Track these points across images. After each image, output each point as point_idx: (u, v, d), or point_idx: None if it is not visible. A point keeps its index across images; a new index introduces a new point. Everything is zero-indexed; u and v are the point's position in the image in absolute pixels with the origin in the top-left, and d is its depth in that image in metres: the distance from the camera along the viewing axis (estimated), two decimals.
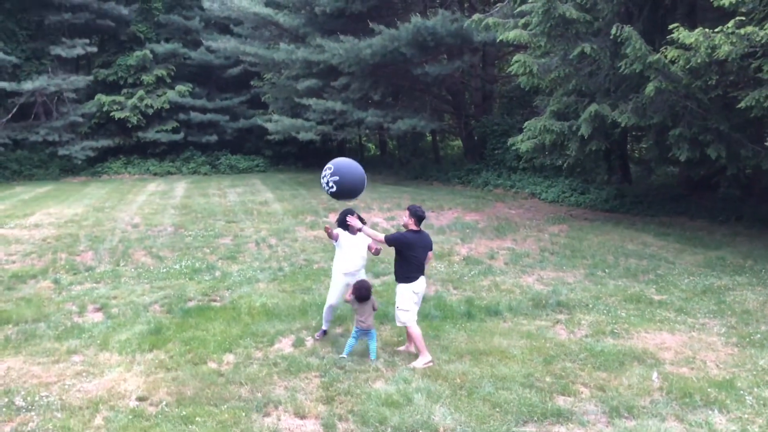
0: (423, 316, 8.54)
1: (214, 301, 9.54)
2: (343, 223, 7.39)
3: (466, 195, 20.91)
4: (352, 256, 7.43)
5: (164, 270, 11.37)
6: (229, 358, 7.14)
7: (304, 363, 6.88)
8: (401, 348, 7.45)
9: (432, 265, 11.57)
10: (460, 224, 15.45)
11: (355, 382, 6.40)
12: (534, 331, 7.98)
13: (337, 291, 7.52)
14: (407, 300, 7.00)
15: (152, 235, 14.51)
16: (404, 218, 7.20)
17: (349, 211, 7.33)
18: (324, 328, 7.74)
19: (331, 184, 6.86)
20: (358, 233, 7.31)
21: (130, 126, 29.38)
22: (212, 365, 6.92)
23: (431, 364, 6.82)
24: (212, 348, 7.35)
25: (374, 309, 7.11)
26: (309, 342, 7.60)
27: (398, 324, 7.17)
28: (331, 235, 7.37)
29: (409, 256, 6.97)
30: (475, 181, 23.22)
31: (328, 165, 6.97)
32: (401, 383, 6.33)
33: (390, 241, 6.98)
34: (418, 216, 7.08)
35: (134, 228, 15.33)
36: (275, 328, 8.01)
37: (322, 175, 6.94)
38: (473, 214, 17.01)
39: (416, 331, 6.98)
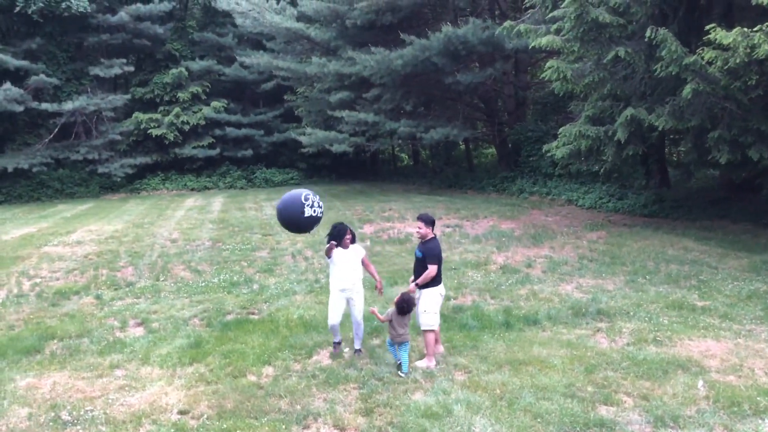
0: (460, 326, 8.50)
1: (253, 314, 9.63)
2: (335, 237, 7.37)
3: (501, 203, 20.78)
4: (346, 272, 7.45)
5: (203, 284, 11.52)
6: (268, 370, 7.19)
7: (342, 375, 6.89)
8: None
9: (468, 274, 11.53)
10: (495, 233, 15.36)
11: (393, 394, 6.39)
12: (574, 340, 7.87)
13: (336, 309, 7.51)
14: (435, 303, 7.22)
15: (190, 249, 14.73)
16: (421, 229, 7.29)
17: (342, 228, 7.39)
18: (335, 340, 7.72)
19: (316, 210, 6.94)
20: (350, 246, 7.44)
21: (167, 143, 29.96)
22: (252, 378, 6.97)
23: (432, 369, 6.99)
24: (251, 361, 7.41)
25: (409, 320, 7.12)
26: (347, 353, 7.62)
27: (425, 328, 7.22)
28: (328, 254, 7.37)
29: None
30: (510, 189, 23.07)
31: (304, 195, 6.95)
32: (440, 394, 6.30)
33: (436, 259, 7.19)
34: (434, 223, 7.35)
35: (173, 243, 15.58)
36: (313, 340, 8.05)
37: (310, 204, 6.90)
38: (509, 222, 16.88)
39: (432, 337, 7.20)
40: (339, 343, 7.73)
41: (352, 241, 7.50)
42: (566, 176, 21.30)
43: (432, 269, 7.18)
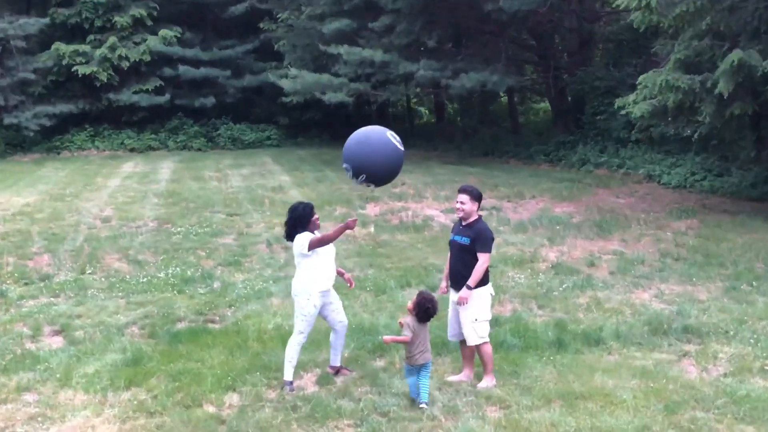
0: (496, 345, 8.50)
1: (212, 321, 9.65)
2: (299, 221, 7.41)
3: (555, 178, 20.72)
4: (329, 269, 7.53)
5: (144, 280, 11.55)
6: (233, 398, 7.21)
7: (333, 407, 6.91)
8: (453, 378, 7.54)
9: (508, 275, 11.53)
10: (546, 219, 15.33)
11: None
12: (651, 368, 7.87)
13: (311, 319, 7.52)
14: (487, 307, 7.44)
15: (128, 232, 14.76)
16: (465, 205, 7.39)
17: (306, 207, 7.47)
18: (289, 379, 7.59)
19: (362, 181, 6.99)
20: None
21: (98, 85, 29.90)
22: (210, 409, 7.00)
23: (494, 386, 7.28)
24: (210, 385, 7.43)
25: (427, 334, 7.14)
26: (340, 379, 7.65)
27: (475, 342, 7.35)
28: (313, 246, 7.39)
29: None
30: (568, 159, 23.00)
31: (344, 164, 7.05)
32: None
33: (490, 246, 7.38)
34: (481, 198, 7.59)
35: (104, 223, 15.62)
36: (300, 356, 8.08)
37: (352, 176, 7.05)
38: (565, 205, 16.83)
39: (490, 348, 7.41)
40: (341, 369, 7.79)
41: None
42: (646, 143, 21.18)
43: (485, 260, 7.25)
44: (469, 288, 7.23)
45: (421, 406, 6.86)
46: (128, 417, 6.85)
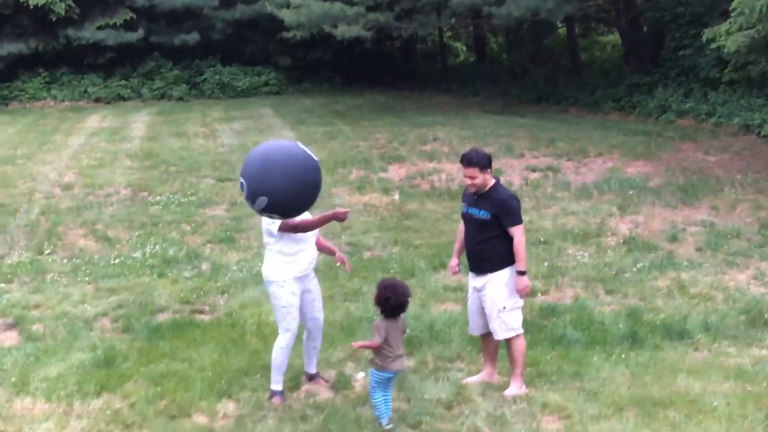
0: (553, 341, 8.54)
1: (201, 312, 9.71)
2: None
3: (626, 130, 20.60)
4: (308, 249, 7.51)
5: (117, 261, 11.61)
6: (228, 407, 7.26)
7: (351, 417, 6.95)
8: (471, 380, 7.59)
9: (568, 252, 11.53)
10: (616, 182, 15.28)
11: None
12: (749, 367, 7.87)
13: (294, 311, 7.52)
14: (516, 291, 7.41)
15: (95, 202, 14.85)
16: (475, 179, 7.28)
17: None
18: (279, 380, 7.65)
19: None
20: None
21: (54, 20, 29.91)
22: (200, 419, 7.05)
23: (526, 392, 7.30)
24: (199, 391, 7.48)
25: (404, 332, 6.98)
26: (359, 382, 7.70)
27: (506, 335, 7.38)
28: (327, 221, 7.44)
29: None
30: (643, 107, 22.85)
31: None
32: None
33: (519, 217, 7.32)
34: (490, 162, 7.42)
35: (65, 191, 15.71)
36: (302, 357, 8.13)
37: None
38: (640, 164, 16.76)
39: (523, 343, 7.48)
40: (316, 376, 7.83)
41: None
42: (743, 85, 21.01)
43: (521, 233, 7.24)
44: (522, 273, 7.25)
45: (388, 427, 6.73)
46: (100, 430, 6.88)
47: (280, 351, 7.46)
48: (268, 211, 6.76)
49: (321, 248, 7.76)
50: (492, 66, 33.06)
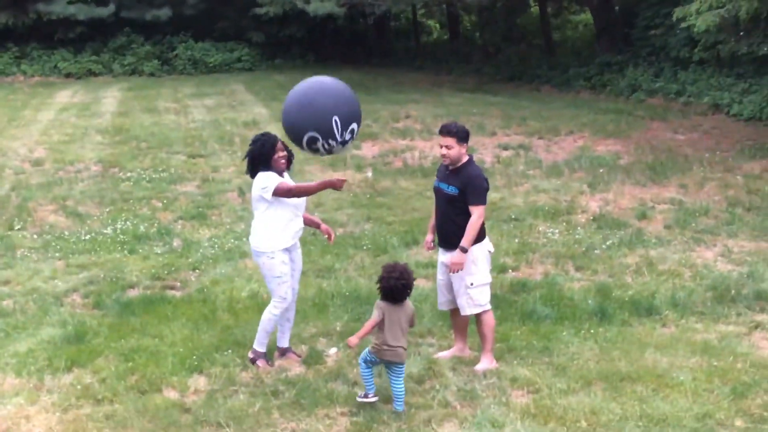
0: (523, 316, 8.60)
1: (172, 288, 9.72)
2: (260, 156, 7.42)
3: (598, 109, 20.65)
4: (296, 220, 7.53)
5: (87, 237, 11.58)
6: (199, 382, 7.27)
7: (323, 392, 6.96)
8: (442, 354, 7.64)
9: (538, 229, 11.58)
10: (587, 160, 15.34)
11: (408, 426, 6.48)
12: (715, 342, 7.94)
13: (288, 279, 7.54)
14: (485, 268, 7.47)
15: (66, 178, 14.77)
16: (451, 150, 7.32)
17: (268, 140, 7.50)
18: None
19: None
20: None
21: None
22: (171, 394, 7.06)
23: (496, 367, 7.38)
24: (170, 366, 7.48)
25: (412, 324, 6.90)
26: (331, 357, 7.74)
27: (473, 311, 7.41)
28: (324, 187, 7.49)
29: None
30: (614, 85, 22.91)
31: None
32: (488, 428, 6.43)
33: (484, 196, 7.33)
34: (468, 136, 7.48)
35: (36, 167, 15.61)
36: (274, 333, 8.15)
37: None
38: (611, 143, 16.82)
39: (491, 318, 7.52)
40: (288, 351, 7.86)
41: (289, 163, 7.57)
42: (712, 64, 21.08)
43: (480, 214, 7.24)
44: (464, 250, 7.21)
45: (366, 400, 6.71)
46: (70, 405, 6.88)
47: (272, 317, 7.55)
48: (352, 135, 7.26)
49: (306, 221, 7.74)
50: (465, 44, 33.01)
